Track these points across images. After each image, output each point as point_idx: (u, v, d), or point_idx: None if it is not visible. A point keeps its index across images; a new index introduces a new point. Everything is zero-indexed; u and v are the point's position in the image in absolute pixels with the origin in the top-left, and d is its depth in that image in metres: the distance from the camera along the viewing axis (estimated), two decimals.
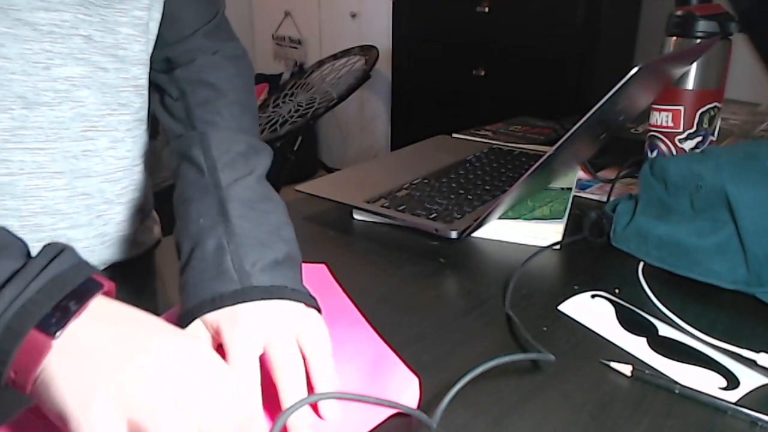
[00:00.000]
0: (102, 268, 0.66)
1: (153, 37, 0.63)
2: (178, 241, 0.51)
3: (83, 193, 0.60)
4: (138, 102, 0.63)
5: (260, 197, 0.53)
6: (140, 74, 0.62)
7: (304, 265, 0.63)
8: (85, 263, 0.40)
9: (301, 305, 0.46)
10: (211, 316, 0.44)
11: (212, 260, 0.47)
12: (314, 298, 0.48)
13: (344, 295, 0.59)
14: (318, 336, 0.45)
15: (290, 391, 0.41)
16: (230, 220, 0.49)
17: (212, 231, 0.49)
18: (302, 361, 0.43)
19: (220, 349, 0.43)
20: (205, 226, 0.49)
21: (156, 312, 0.42)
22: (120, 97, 0.60)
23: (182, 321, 0.45)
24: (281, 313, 0.45)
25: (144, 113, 0.65)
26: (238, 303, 0.44)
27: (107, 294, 0.39)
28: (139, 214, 0.68)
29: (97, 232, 0.63)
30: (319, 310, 0.48)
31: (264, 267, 0.47)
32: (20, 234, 0.57)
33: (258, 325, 0.43)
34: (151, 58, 0.64)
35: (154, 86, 0.66)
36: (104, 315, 0.38)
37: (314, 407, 0.43)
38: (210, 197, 0.51)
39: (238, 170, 0.54)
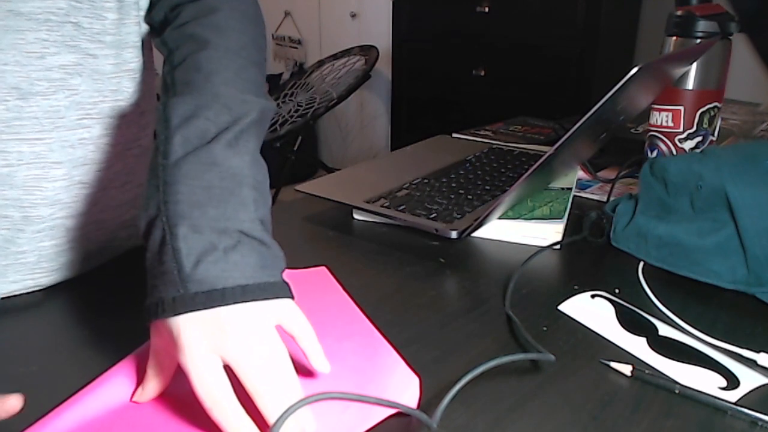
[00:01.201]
0: (101, 254, 0.66)
1: (144, 13, 0.62)
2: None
3: (81, 182, 0.60)
4: (131, 87, 0.62)
5: (219, 173, 0.45)
6: (131, 58, 0.62)
7: (304, 270, 0.64)
8: None
9: (256, 303, 0.42)
10: (162, 326, 0.42)
11: (156, 256, 0.43)
12: (276, 284, 0.43)
13: (346, 295, 0.59)
14: (280, 336, 0.42)
15: (269, 409, 0.39)
16: (169, 207, 0.43)
17: (156, 221, 0.44)
18: (270, 365, 0.40)
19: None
20: (151, 215, 0.44)
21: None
22: (111, 84, 0.60)
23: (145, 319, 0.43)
24: (229, 324, 0.41)
25: (138, 97, 0.64)
26: (178, 314, 0.40)
27: None
28: (137, 197, 0.67)
29: (93, 219, 0.63)
30: (290, 295, 0.44)
31: (214, 260, 0.41)
32: (21, 225, 0.58)
33: (203, 346, 0.40)
34: (150, 22, 0.62)
35: None
36: None
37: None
38: (156, 178, 0.45)
39: (199, 138, 0.46)
